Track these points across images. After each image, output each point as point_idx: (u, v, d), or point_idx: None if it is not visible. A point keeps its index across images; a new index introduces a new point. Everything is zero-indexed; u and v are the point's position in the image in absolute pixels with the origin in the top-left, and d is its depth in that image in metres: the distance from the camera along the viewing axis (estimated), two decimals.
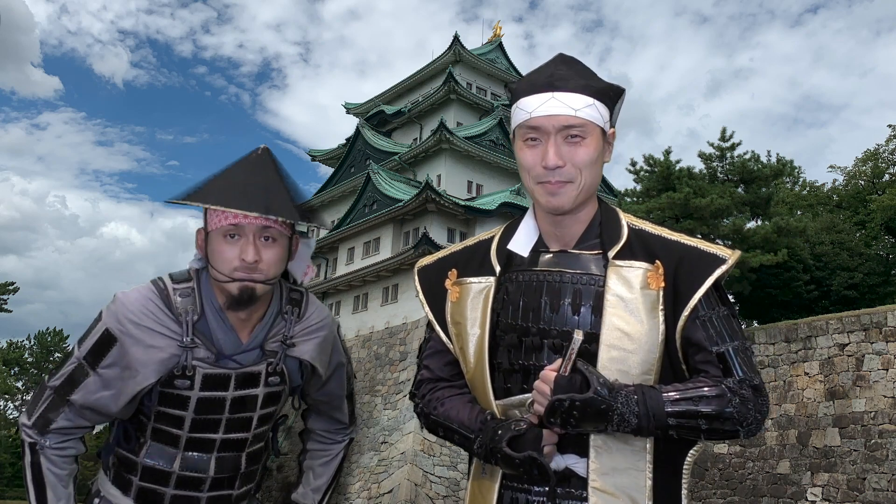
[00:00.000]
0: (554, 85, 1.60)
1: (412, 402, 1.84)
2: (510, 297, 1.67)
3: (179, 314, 1.80)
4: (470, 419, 1.65)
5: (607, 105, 1.63)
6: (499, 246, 1.75)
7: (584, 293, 1.61)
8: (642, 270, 1.59)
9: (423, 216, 31.50)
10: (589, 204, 1.68)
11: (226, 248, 1.76)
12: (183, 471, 1.86)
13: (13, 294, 53.04)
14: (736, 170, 24.14)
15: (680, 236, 1.66)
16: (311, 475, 2.17)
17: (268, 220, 1.76)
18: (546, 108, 1.58)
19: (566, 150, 1.57)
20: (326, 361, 2.01)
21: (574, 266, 1.64)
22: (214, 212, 1.78)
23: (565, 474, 1.57)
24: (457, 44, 39.17)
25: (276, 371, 1.89)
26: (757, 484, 18.30)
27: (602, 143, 1.63)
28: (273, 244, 1.79)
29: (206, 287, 1.85)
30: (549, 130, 1.58)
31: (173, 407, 1.83)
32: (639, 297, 1.57)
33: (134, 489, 1.88)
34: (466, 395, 1.74)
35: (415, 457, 23.42)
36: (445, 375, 1.79)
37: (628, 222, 1.69)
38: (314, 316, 1.99)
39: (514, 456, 1.51)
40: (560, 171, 1.57)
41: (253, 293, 1.78)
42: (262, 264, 1.76)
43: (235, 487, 1.94)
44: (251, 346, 1.86)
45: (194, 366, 1.79)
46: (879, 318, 17.43)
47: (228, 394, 1.84)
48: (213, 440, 1.88)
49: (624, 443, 1.55)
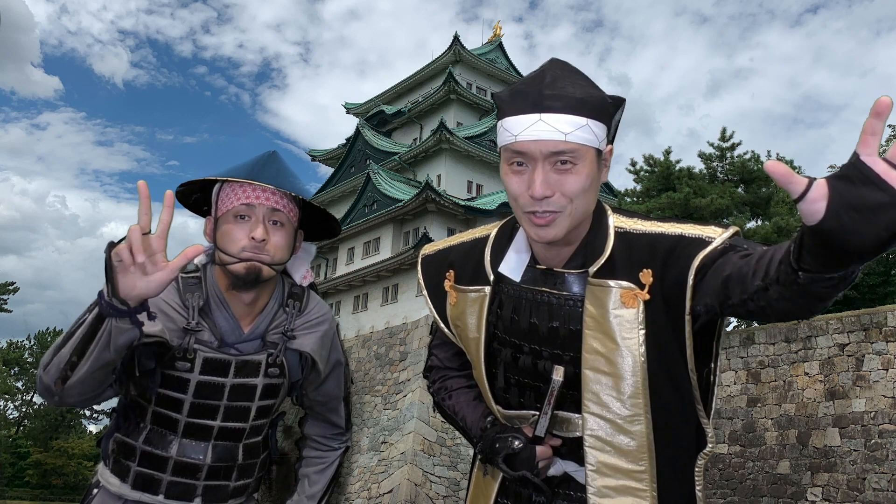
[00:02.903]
0: (542, 105, 1.43)
1: (425, 382, 1.94)
2: (503, 311, 1.65)
3: (186, 299, 1.87)
4: (473, 422, 1.69)
5: (603, 121, 1.47)
6: (493, 252, 1.69)
7: (571, 315, 1.56)
8: (615, 290, 1.50)
9: (423, 216, 31.50)
10: (581, 226, 1.56)
11: (235, 228, 1.84)
12: (180, 457, 1.90)
13: (13, 294, 53.12)
14: (736, 170, 24.16)
15: (666, 227, 1.52)
16: (307, 482, 2.20)
17: (278, 201, 1.85)
18: (532, 132, 1.42)
19: (555, 178, 1.43)
20: (326, 357, 2.05)
21: (560, 287, 1.58)
22: (226, 195, 1.87)
23: (565, 478, 1.59)
24: (457, 44, 39.16)
25: (276, 362, 1.94)
26: (757, 484, 18.29)
27: (596, 166, 1.48)
28: (281, 228, 1.87)
29: (211, 279, 1.91)
30: (535, 157, 1.43)
31: (174, 389, 1.87)
32: (612, 318, 1.49)
33: (132, 475, 1.90)
34: (474, 391, 1.78)
35: (415, 457, 23.41)
36: (453, 365, 1.84)
37: (616, 226, 1.57)
38: (315, 310, 2.04)
39: (509, 474, 1.57)
40: (548, 202, 1.43)
41: (259, 274, 1.83)
42: (270, 245, 1.84)
43: (232, 479, 1.97)
44: (252, 335, 1.92)
45: (195, 349, 1.85)
46: (879, 318, 17.43)
47: (228, 380, 1.89)
48: (211, 427, 1.91)
49: (624, 480, 1.51)
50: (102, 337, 1.57)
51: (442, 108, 37.88)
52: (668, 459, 1.53)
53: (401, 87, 42.59)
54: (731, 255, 1.39)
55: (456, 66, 38.81)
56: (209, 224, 1.93)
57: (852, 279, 1.13)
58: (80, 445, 58.76)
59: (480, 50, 42.44)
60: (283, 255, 1.88)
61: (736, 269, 1.33)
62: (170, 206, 1.55)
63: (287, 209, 1.88)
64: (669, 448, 1.53)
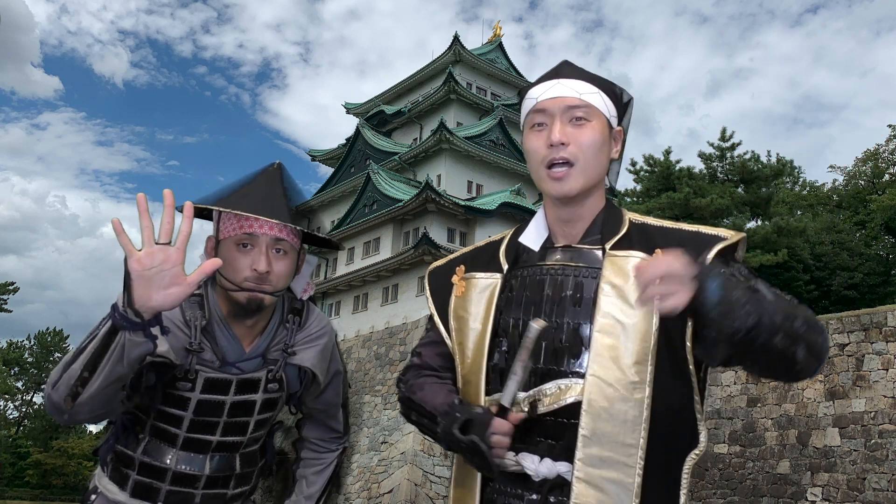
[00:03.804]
0: (559, 73, 1.70)
1: (396, 389, 1.83)
2: (514, 292, 1.68)
3: (188, 319, 1.84)
4: (441, 404, 1.62)
5: (613, 102, 1.69)
6: (508, 245, 1.78)
7: (586, 286, 1.61)
8: (637, 259, 1.57)
9: (423, 216, 31.50)
10: (595, 196, 1.69)
11: (238, 256, 1.79)
12: (179, 468, 1.89)
13: (13, 294, 53.14)
14: (736, 170, 24.16)
15: (682, 225, 1.67)
16: (304, 483, 2.20)
17: (282, 231, 1.81)
18: (551, 91, 1.66)
19: (571, 130, 1.62)
20: (325, 369, 2.05)
21: (577, 260, 1.65)
22: (228, 220, 1.82)
23: (557, 482, 1.54)
24: (457, 44, 39.17)
25: (276, 378, 1.93)
26: (757, 484, 18.30)
27: (607, 133, 1.67)
28: (284, 257, 1.83)
29: (213, 300, 1.88)
30: (554, 112, 1.64)
31: (174, 407, 1.86)
32: (632, 283, 1.54)
33: (130, 483, 1.90)
34: (448, 385, 1.72)
35: (415, 457, 23.42)
36: (435, 365, 1.78)
37: (631, 218, 1.70)
38: (315, 324, 2.03)
39: (459, 439, 1.49)
40: (564, 149, 1.61)
41: (261, 304, 1.81)
42: (273, 276, 1.80)
43: (230, 487, 1.97)
44: (254, 354, 1.91)
45: (197, 369, 1.83)
46: (879, 318, 17.43)
47: (228, 398, 1.88)
48: (210, 441, 1.91)
49: (614, 452, 1.50)
50: (115, 350, 1.53)
51: (442, 108, 37.89)
52: (659, 445, 1.50)
53: (401, 87, 42.60)
54: None
55: (456, 66, 38.82)
56: (210, 244, 1.89)
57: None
58: (80, 445, 58.81)
59: (480, 50, 42.45)
60: (285, 283, 1.86)
61: None
62: (189, 217, 1.53)
63: (291, 237, 1.84)
64: (663, 432, 1.51)
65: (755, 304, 1.31)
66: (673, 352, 1.54)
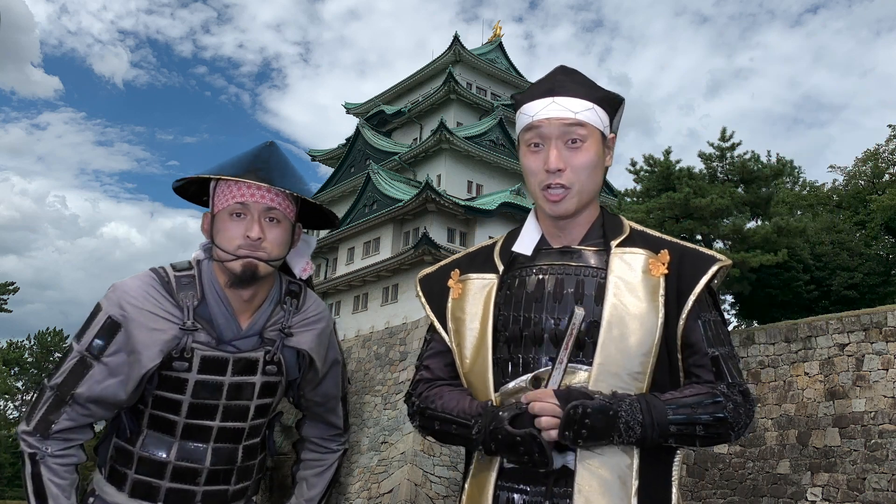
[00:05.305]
0: (554, 91, 1.70)
1: (407, 405, 1.82)
2: (513, 291, 1.70)
3: (180, 299, 1.86)
4: (471, 407, 1.65)
5: (607, 111, 1.72)
6: (502, 248, 1.81)
7: (587, 283, 1.65)
8: (644, 256, 1.66)
9: (423, 216, 31.50)
10: (591, 208, 1.75)
11: (231, 225, 1.83)
12: (179, 461, 1.88)
13: (13, 294, 53.06)
14: (736, 170, 24.13)
15: (680, 240, 1.74)
16: (305, 485, 2.17)
17: (273, 199, 1.84)
18: (547, 111, 1.67)
19: (567, 154, 1.65)
20: (323, 355, 2.04)
21: (577, 260, 1.70)
22: (222, 192, 1.86)
23: (562, 472, 1.57)
24: (457, 44, 39.16)
25: (274, 360, 1.92)
26: (757, 484, 18.29)
27: (602, 148, 1.70)
28: (277, 225, 1.86)
29: (209, 273, 1.90)
30: (550, 134, 1.66)
31: (171, 391, 1.86)
32: (640, 279, 1.63)
33: (129, 484, 1.88)
34: (467, 390, 1.74)
35: (415, 457, 23.42)
36: (445, 376, 1.79)
37: (630, 225, 1.76)
38: (312, 308, 2.03)
39: (515, 433, 1.50)
40: (560, 175, 1.64)
41: (255, 271, 1.83)
42: (266, 243, 1.83)
43: (231, 483, 1.94)
44: (250, 332, 1.90)
45: (193, 348, 1.83)
46: (879, 318, 17.43)
47: (226, 379, 1.87)
48: (210, 428, 1.89)
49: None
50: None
51: (442, 108, 37.88)
52: None
53: (401, 87, 42.59)
54: (702, 343, 1.63)
55: (456, 66, 38.81)
56: (206, 220, 1.93)
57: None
58: None
59: (480, 50, 42.45)
60: (280, 252, 1.88)
61: (693, 360, 1.63)
62: None
63: (283, 206, 1.87)
64: None
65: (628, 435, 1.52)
66: (669, 348, 1.62)
